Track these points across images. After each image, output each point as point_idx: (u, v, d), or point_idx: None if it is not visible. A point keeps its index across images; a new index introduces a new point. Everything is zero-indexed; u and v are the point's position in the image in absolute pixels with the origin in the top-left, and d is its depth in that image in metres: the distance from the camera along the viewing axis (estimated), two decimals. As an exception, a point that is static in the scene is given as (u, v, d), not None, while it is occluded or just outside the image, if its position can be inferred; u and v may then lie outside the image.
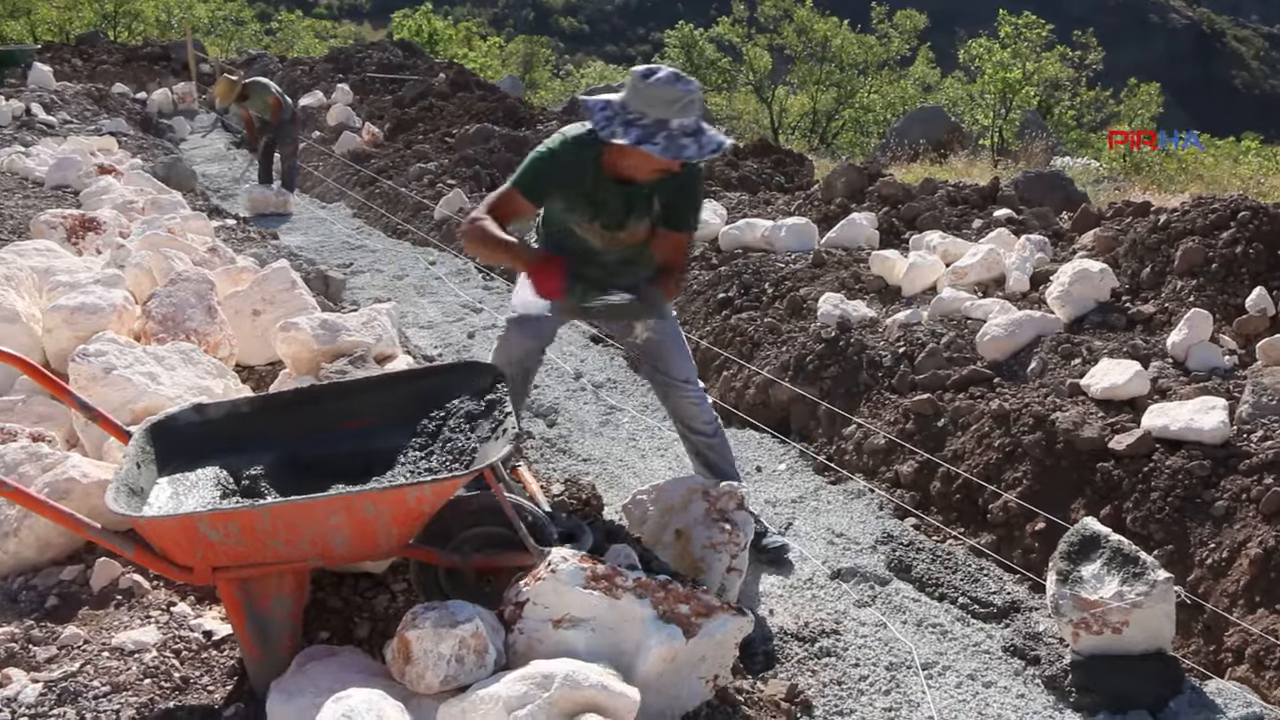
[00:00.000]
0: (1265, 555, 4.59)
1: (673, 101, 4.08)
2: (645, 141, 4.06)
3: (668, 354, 4.99)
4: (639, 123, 4.09)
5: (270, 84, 14.34)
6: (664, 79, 4.09)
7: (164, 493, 3.30)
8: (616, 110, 4.16)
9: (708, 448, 5.17)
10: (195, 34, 32.69)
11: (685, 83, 4.13)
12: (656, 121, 4.08)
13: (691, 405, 5.06)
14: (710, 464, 5.17)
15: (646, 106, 4.09)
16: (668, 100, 4.08)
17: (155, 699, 3.11)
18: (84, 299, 5.39)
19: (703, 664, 3.16)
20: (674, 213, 4.57)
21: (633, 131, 4.08)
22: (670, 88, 4.08)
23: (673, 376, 5.02)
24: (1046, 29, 35.84)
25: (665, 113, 4.08)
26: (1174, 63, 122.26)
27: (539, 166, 4.45)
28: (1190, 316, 5.94)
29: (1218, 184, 19.70)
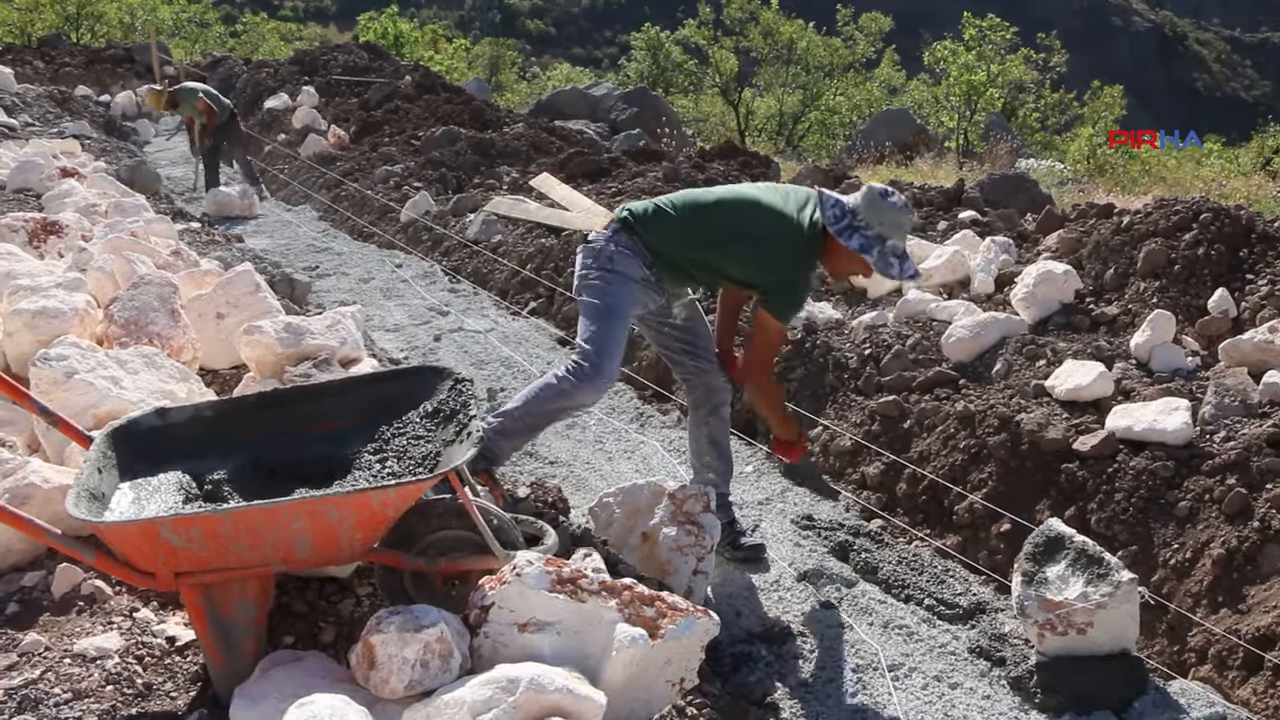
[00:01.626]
0: (1228, 555, 4.62)
1: (899, 226, 4.57)
2: (866, 251, 4.53)
3: (704, 331, 5.17)
4: (864, 231, 4.53)
5: (199, 88, 14.19)
6: (900, 204, 4.56)
7: (126, 498, 3.28)
8: (846, 212, 4.58)
9: (722, 432, 5.28)
10: (159, 36, 32.49)
11: (911, 211, 4.68)
12: (877, 236, 4.53)
13: (722, 380, 5.19)
14: (721, 449, 5.30)
15: (875, 221, 4.52)
16: (897, 223, 4.56)
17: (118, 706, 3.08)
18: (45, 303, 5.34)
19: (669, 667, 3.15)
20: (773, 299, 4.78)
21: (857, 238, 4.52)
22: (904, 214, 4.57)
23: (710, 354, 5.17)
24: (1010, 32, 36.12)
25: (889, 232, 4.54)
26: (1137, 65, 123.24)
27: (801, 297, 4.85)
28: (1153, 318, 5.98)
29: (1180, 186, 19.88)
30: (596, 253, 4.78)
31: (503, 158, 14.80)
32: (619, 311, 4.70)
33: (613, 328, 4.66)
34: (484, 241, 11.10)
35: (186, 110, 13.97)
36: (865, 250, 4.52)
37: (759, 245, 4.65)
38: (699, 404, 5.22)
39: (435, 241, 11.80)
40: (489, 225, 11.40)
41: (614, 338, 4.65)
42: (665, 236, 4.76)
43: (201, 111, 13.87)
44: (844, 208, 4.57)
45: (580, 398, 4.71)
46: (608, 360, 4.62)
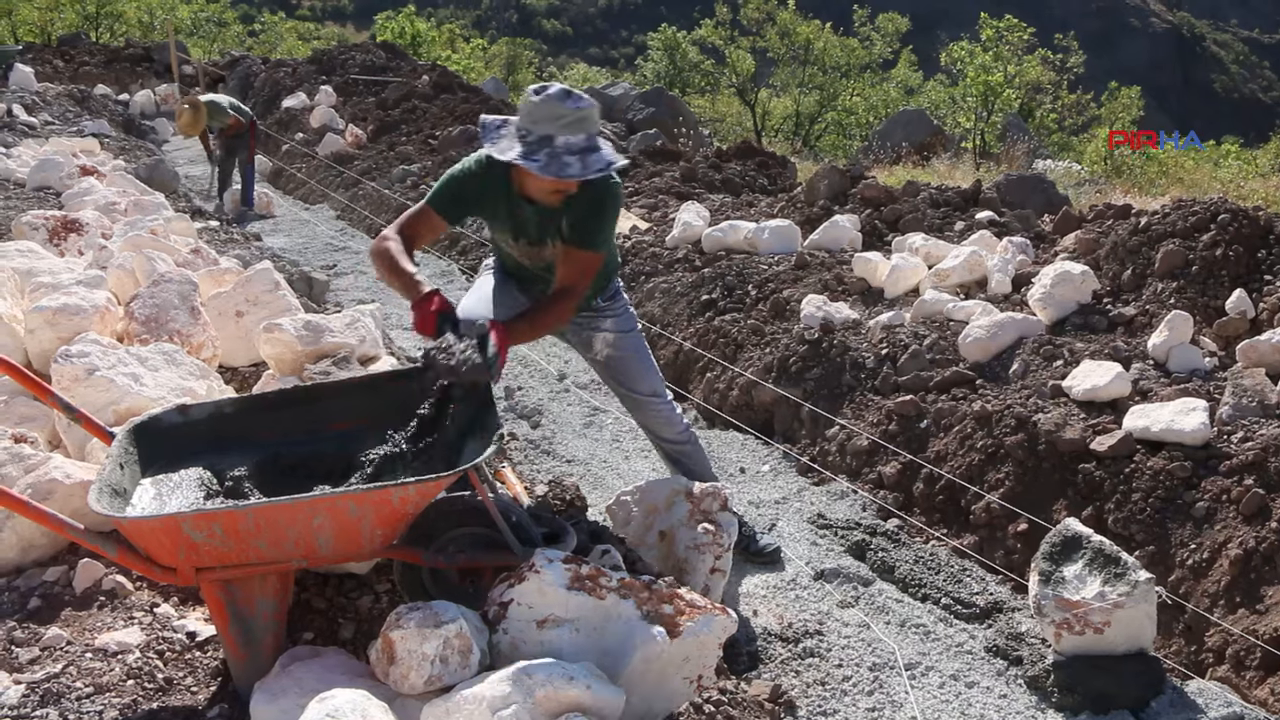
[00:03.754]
0: (1245, 556, 4.61)
1: (558, 118, 3.96)
2: (526, 158, 3.96)
3: (630, 369, 4.93)
4: (524, 139, 4.00)
5: (226, 104, 14.13)
6: (553, 95, 3.99)
7: (147, 494, 3.30)
8: (505, 125, 4.12)
9: (681, 454, 5.14)
10: (178, 35, 32.59)
11: (575, 100, 4.00)
12: (541, 138, 3.98)
13: (659, 418, 5.02)
14: (686, 470, 5.12)
15: (532, 123, 3.99)
16: (552, 116, 3.96)
17: (138, 700, 3.10)
18: (66, 300, 5.37)
19: (686, 664, 3.16)
20: (575, 232, 4.33)
21: (515, 147, 4.00)
22: (558, 104, 3.96)
23: (638, 391, 4.96)
24: (1028, 32, 36.00)
25: (550, 129, 3.97)
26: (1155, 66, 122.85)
27: (451, 185, 4.37)
28: (1171, 318, 5.97)
29: (1198, 187, 19.79)
30: None
31: (519, 157, 14.80)
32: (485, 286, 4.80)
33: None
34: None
35: (215, 125, 13.91)
36: (527, 157, 3.94)
37: None
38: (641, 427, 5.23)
39: (453, 241, 11.81)
40: (506, 224, 11.39)
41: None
42: None
43: (230, 125, 13.84)
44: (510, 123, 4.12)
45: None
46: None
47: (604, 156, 4.02)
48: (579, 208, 4.27)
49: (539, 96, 3.98)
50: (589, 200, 4.25)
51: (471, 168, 4.34)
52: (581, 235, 4.31)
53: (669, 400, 5.05)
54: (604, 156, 4.02)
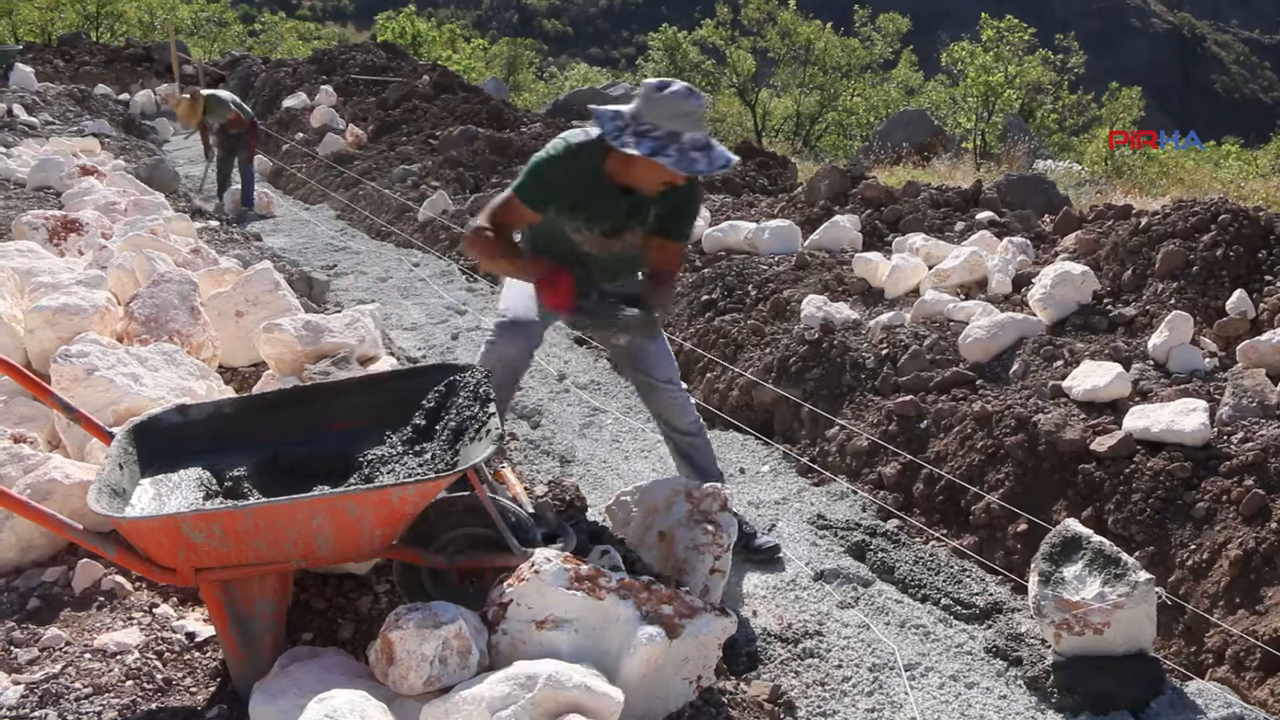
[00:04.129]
0: (1245, 556, 4.61)
1: (685, 115, 4.12)
2: (658, 154, 4.09)
3: (650, 355, 5.01)
4: (651, 134, 4.12)
5: (229, 99, 14.12)
6: (678, 92, 4.13)
7: (147, 494, 3.30)
8: (628, 121, 4.19)
9: (691, 447, 5.18)
10: (178, 35, 32.59)
11: (697, 98, 4.17)
12: (669, 134, 4.11)
13: (675, 405, 5.08)
14: (694, 463, 5.18)
15: (659, 119, 4.12)
16: (681, 114, 4.12)
17: (137, 700, 3.10)
18: (66, 300, 5.37)
19: (686, 665, 3.16)
20: (672, 223, 4.58)
21: (645, 143, 4.10)
22: (684, 101, 4.12)
23: (655, 377, 5.03)
24: (1029, 33, 35.99)
25: (678, 125, 4.12)
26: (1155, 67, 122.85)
27: (542, 174, 4.43)
28: (1171, 319, 5.97)
29: (1198, 188, 19.80)
30: None
31: (520, 157, 14.80)
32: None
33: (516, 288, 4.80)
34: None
35: (216, 119, 13.90)
36: (658, 153, 4.10)
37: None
38: (659, 423, 5.25)
39: (453, 240, 11.82)
40: (506, 224, 11.39)
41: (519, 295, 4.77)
42: None
43: (231, 122, 13.82)
44: (626, 115, 4.22)
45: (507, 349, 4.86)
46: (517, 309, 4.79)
47: (723, 154, 4.20)
48: (676, 200, 4.49)
49: (663, 93, 4.13)
50: (686, 194, 4.51)
51: (561, 155, 4.41)
52: (677, 226, 4.63)
53: (684, 389, 5.14)
54: (723, 154, 4.20)
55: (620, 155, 4.23)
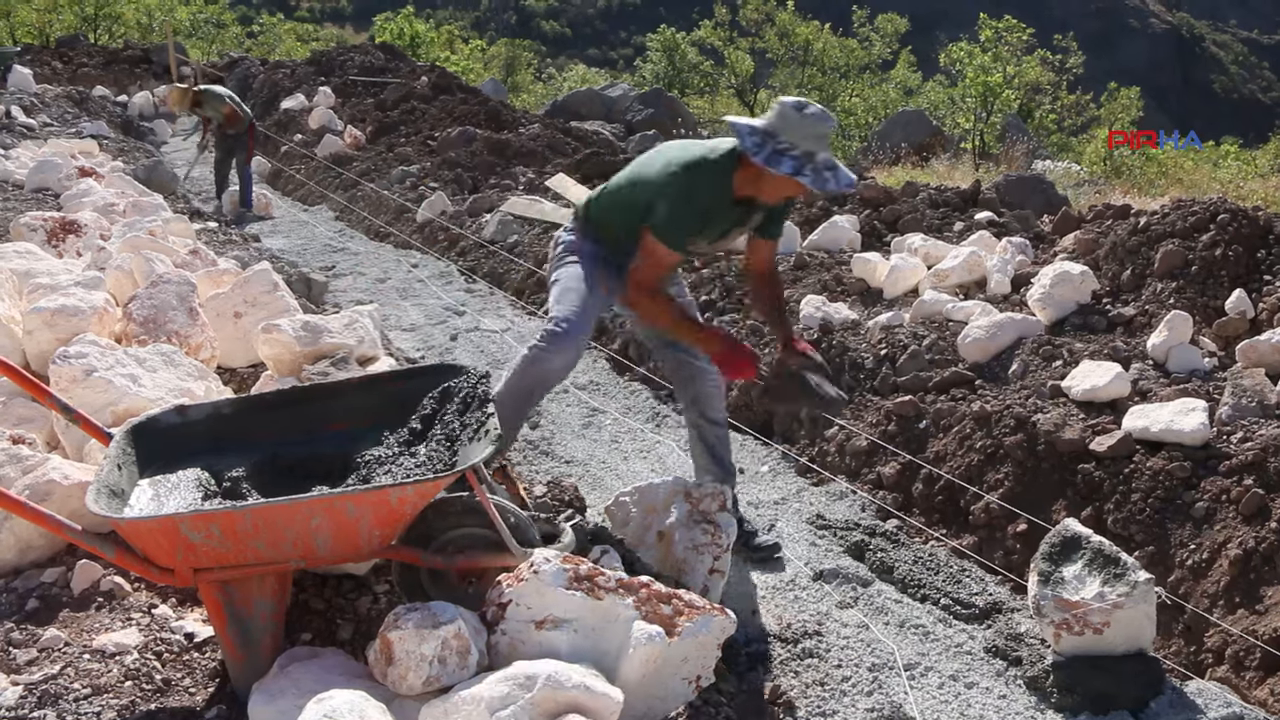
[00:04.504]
0: (1245, 556, 4.61)
1: (821, 136, 4.33)
2: (798, 173, 4.28)
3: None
4: (790, 153, 4.30)
5: (226, 94, 14.10)
6: (817, 115, 4.33)
7: (145, 494, 3.30)
8: (765, 138, 4.34)
9: (718, 439, 5.21)
10: (176, 37, 32.58)
11: (831, 120, 4.39)
12: (805, 154, 4.30)
13: (716, 391, 5.15)
14: (716, 455, 5.21)
15: (797, 138, 4.29)
16: (818, 135, 4.32)
17: (136, 701, 3.10)
18: (64, 301, 5.36)
19: (685, 665, 3.16)
20: (773, 225, 4.94)
21: (787, 162, 4.28)
22: (821, 124, 4.33)
23: (700, 359, 5.07)
24: (1027, 33, 35.99)
25: (814, 146, 4.31)
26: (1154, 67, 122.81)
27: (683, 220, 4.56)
28: (1170, 318, 5.97)
29: (1198, 188, 19.79)
30: (554, 243, 5.01)
31: (519, 158, 14.82)
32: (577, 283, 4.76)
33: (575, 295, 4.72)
34: (500, 241, 11.12)
35: (210, 112, 13.90)
36: (798, 172, 4.30)
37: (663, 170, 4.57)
38: (688, 407, 5.24)
39: (451, 241, 11.82)
40: (505, 225, 11.41)
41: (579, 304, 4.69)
42: (600, 207, 4.88)
43: (226, 116, 13.81)
44: (764, 132, 4.36)
45: (555, 361, 4.65)
46: (576, 322, 4.64)
47: (847, 173, 4.43)
48: (778, 206, 4.82)
49: (802, 113, 4.31)
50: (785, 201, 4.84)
51: (689, 191, 4.51)
52: (777, 228, 5.02)
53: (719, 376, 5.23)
54: (847, 173, 4.43)
55: (751, 170, 4.42)
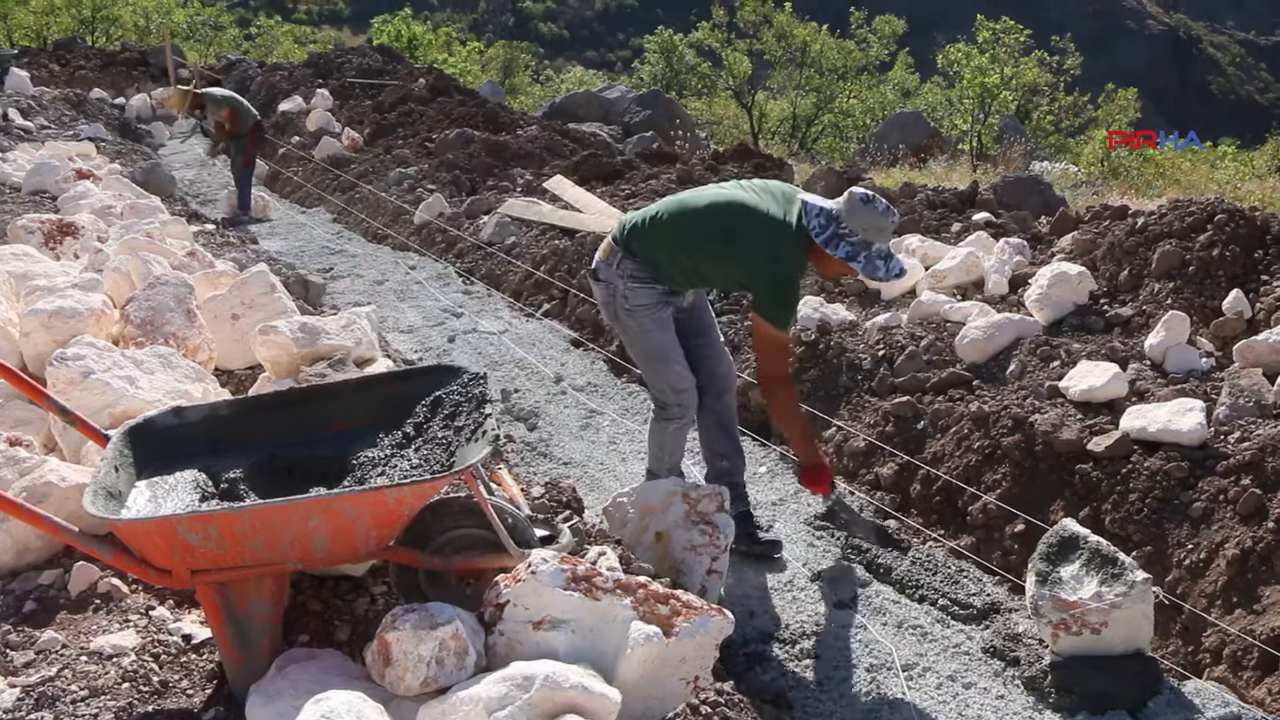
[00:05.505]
0: (1242, 556, 4.61)
1: (881, 230, 4.68)
2: (853, 259, 4.69)
3: (707, 315, 5.38)
4: (848, 239, 4.67)
5: (225, 98, 14.06)
6: (880, 210, 4.66)
7: (142, 496, 3.29)
8: (830, 221, 4.69)
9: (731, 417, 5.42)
10: (174, 39, 32.54)
11: (893, 214, 4.73)
12: (862, 242, 4.66)
13: (728, 370, 5.39)
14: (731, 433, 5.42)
15: (859, 227, 4.65)
16: (879, 228, 4.67)
17: (134, 703, 3.09)
18: (62, 303, 5.36)
19: (683, 665, 3.16)
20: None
21: (844, 247, 4.67)
22: (883, 218, 4.67)
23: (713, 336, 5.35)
24: (1024, 34, 35.95)
25: (871, 237, 4.67)
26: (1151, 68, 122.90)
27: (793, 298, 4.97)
28: (1168, 319, 5.97)
29: (1195, 189, 19.79)
30: (608, 292, 5.06)
31: (516, 160, 14.81)
32: (661, 349, 5.08)
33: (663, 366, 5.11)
34: (498, 243, 11.12)
35: (213, 114, 13.89)
36: (852, 258, 4.67)
37: (750, 248, 4.76)
38: (704, 388, 5.27)
39: (449, 243, 11.82)
40: (503, 227, 11.41)
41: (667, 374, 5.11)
42: (664, 249, 4.94)
43: (224, 121, 13.80)
44: (829, 215, 4.69)
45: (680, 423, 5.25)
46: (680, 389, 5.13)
47: (899, 263, 4.80)
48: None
49: (867, 206, 4.65)
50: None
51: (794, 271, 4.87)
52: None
53: None
54: (899, 263, 4.80)
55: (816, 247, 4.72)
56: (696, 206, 4.93)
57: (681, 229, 4.90)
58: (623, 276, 4.96)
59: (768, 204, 4.79)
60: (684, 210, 4.94)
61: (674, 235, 4.91)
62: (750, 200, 4.82)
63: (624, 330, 5.12)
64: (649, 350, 5.10)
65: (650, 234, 4.94)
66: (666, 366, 5.09)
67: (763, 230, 4.73)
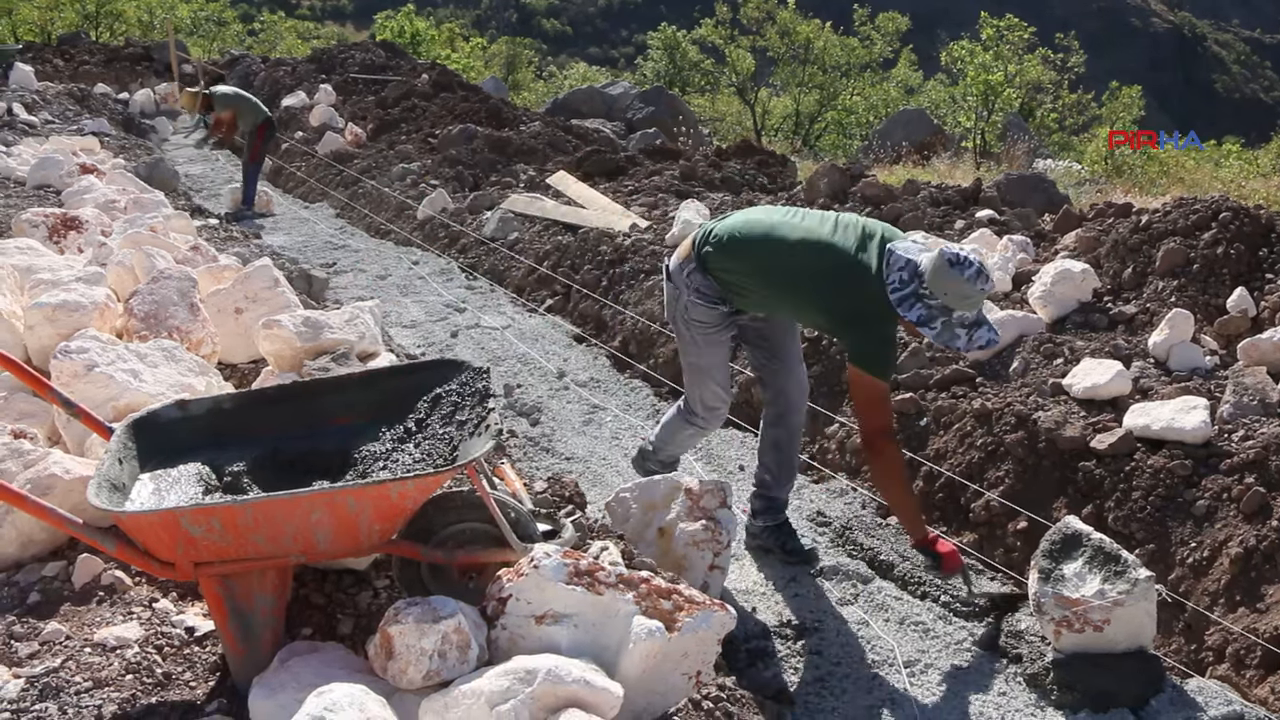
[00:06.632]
0: (1246, 554, 4.61)
1: (968, 298, 4.30)
2: (926, 324, 4.34)
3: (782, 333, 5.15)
4: (926, 301, 4.31)
5: (235, 97, 14.07)
6: (970, 275, 4.26)
7: (146, 489, 3.30)
8: (913, 276, 4.34)
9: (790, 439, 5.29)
10: (177, 34, 32.54)
11: (985, 281, 4.30)
12: (942, 307, 4.31)
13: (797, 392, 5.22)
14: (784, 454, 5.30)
15: (941, 291, 4.28)
16: (964, 295, 4.29)
17: (137, 695, 3.10)
18: (66, 296, 5.36)
19: (685, 660, 3.16)
20: None
21: (918, 309, 4.32)
22: (969, 285, 4.26)
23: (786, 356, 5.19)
24: (1029, 32, 35.92)
25: (954, 303, 4.30)
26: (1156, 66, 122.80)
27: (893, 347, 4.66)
28: (1172, 317, 5.97)
29: (1199, 187, 19.75)
30: (675, 296, 4.94)
31: (519, 156, 14.81)
32: (709, 367, 5.01)
33: (705, 381, 5.06)
34: (501, 239, 11.12)
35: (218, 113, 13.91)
36: (925, 323, 4.34)
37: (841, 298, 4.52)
38: (768, 403, 5.28)
39: (452, 239, 11.82)
40: (506, 223, 11.41)
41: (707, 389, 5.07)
42: (742, 279, 4.76)
43: (225, 121, 13.80)
44: (913, 270, 4.33)
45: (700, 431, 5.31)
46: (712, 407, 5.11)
47: (985, 334, 4.42)
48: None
49: (956, 270, 4.26)
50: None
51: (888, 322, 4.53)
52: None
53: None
54: (985, 334, 4.42)
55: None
56: (788, 241, 4.60)
57: (768, 264, 4.65)
58: (690, 288, 4.83)
59: (864, 252, 4.49)
60: (770, 241, 4.65)
61: (759, 267, 4.68)
62: (842, 244, 4.53)
63: (677, 335, 5.06)
64: (694, 364, 5.05)
65: (728, 254, 4.72)
66: (705, 383, 5.04)
67: (856, 281, 4.45)
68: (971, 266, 4.25)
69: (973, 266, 4.25)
